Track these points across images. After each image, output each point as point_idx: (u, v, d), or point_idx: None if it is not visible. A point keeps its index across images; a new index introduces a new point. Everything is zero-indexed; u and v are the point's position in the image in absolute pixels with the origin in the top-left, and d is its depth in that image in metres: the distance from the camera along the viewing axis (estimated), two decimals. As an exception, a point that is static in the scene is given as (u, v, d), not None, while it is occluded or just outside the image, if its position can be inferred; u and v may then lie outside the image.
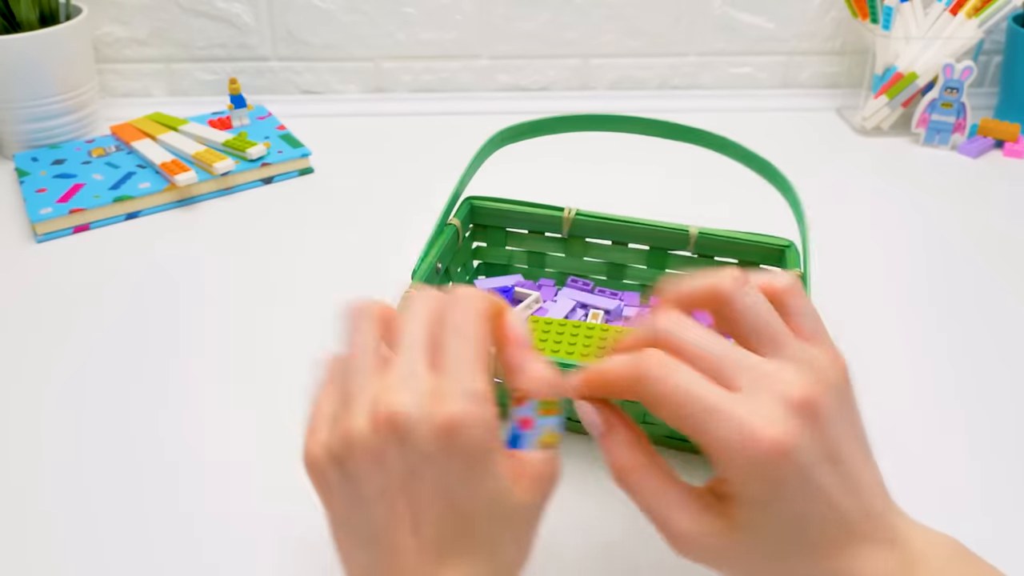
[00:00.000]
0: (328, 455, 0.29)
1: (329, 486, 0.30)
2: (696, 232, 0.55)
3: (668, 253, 0.57)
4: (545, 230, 0.58)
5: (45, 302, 0.62)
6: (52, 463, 0.48)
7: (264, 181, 0.79)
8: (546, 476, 0.31)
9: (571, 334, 0.52)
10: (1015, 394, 0.53)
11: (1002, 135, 0.84)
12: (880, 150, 0.85)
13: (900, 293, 0.63)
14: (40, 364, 0.56)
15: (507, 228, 0.59)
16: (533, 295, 0.57)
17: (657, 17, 0.94)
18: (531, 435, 0.31)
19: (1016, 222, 0.72)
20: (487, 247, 0.60)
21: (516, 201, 0.57)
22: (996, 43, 0.94)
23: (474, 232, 0.59)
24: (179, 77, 0.96)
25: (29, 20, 0.79)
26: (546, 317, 0.54)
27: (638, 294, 0.59)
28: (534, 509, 0.31)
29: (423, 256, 0.49)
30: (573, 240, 0.58)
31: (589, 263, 0.59)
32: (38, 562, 0.42)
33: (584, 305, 0.58)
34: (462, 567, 0.29)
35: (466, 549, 0.29)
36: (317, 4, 0.92)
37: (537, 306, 0.57)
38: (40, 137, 0.83)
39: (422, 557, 0.29)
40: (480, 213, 0.57)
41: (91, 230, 0.72)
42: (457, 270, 0.56)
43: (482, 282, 0.59)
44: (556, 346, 0.51)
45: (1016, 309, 0.61)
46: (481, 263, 0.61)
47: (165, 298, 0.63)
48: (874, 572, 0.29)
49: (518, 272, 0.60)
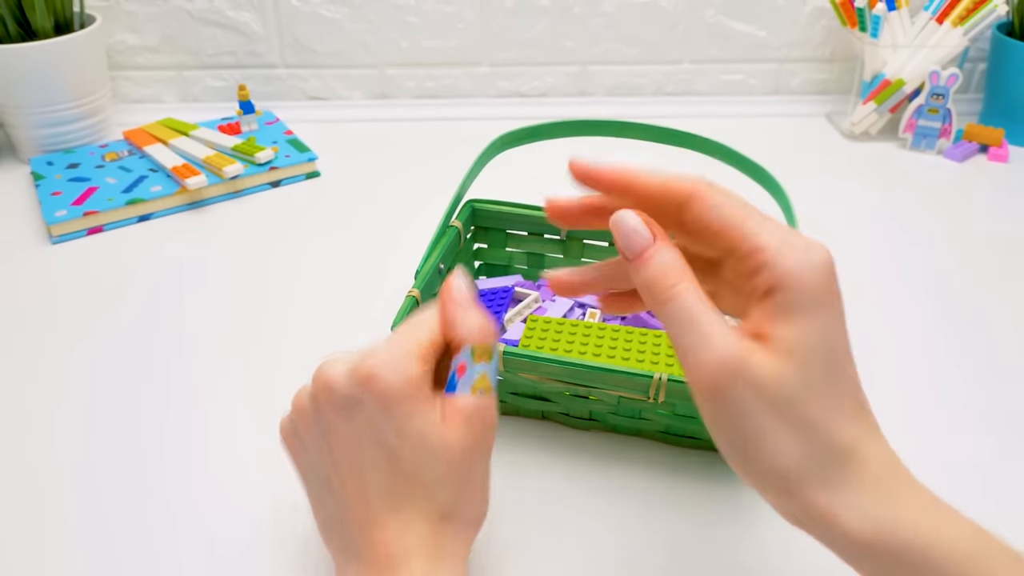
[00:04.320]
0: (287, 424, 0.36)
1: (294, 451, 0.36)
2: None
3: None
4: (544, 232, 0.59)
5: (60, 301, 0.63)
6: (66, 458, 0.48)
7: (272, 184, 0.80)
8: (476, 416, 0.32)
9: (569, 332, 0.53)
10: (1004, 394, 0.53)
11: (986, 140, 0.85)
12: (868, 154, 0.86)
13: (887, 292, 0.64)
14: (55, 361, 0.56)
15: (507, 230, 0.60)
16: (533, 295, 0.58)
17: (652, 26, 0.95)
18: (465, 380, 0.33)
19: (999, 224, 0.73)
20: (488, 248, 0.61)
21: (516, 204, 0.58)
22: (981, 51, 0.95)
23: (475, 234, 0.60)
24: (190, 84, 0.97)
25: (44, 28, 0.80)
26: (545, 316, 0.55)
27: None
28: (466, 448, 0.32)
29: (425, 257, 0.50)
30: (571, 241, 0.59)
31: (587, 264, 0.59)
32: (53, 555, 0.42)
33: (582, 305, 0.58)
34: (405, 511, 0.32)
35: (404, 491, 0.32)
36: (323, 13, 0.93)
37: (536, 305, 0.58)
38: (55, 142, 0.83)
39: (365, 500, 0.32)
40: (481, 215, 0.58)
41: (104, 232, 0.72)
42: (451, 267, 0.56)
43: (483, 282, 0.60)
44: (555, 344, 0.52)
45: (999, 307, 0.62)
46: (482, 264, 0.62)
47: (176, 298, 0.63)
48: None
49: (518, 273, 0.61)
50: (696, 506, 0.45)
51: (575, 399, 0.48)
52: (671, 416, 0.46)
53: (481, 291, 0.58)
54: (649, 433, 0.49)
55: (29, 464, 0.48)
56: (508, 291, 0.58)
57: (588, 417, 0.49)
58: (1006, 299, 0.63)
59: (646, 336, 0.52)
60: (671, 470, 0.47)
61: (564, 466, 0.48)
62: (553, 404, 0.49)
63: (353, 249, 0.70)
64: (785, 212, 0.50)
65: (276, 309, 0.62)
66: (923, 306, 0.62)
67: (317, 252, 0.69)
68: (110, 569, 0.42)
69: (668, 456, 0.48)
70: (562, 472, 0.47)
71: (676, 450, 0.49)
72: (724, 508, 0.45)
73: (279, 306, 0.62)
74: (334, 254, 0.69)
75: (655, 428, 0.48)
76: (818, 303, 0.28)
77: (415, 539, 0.32)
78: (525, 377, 0.45)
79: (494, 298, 0.57)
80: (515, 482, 0.46)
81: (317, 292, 0.64)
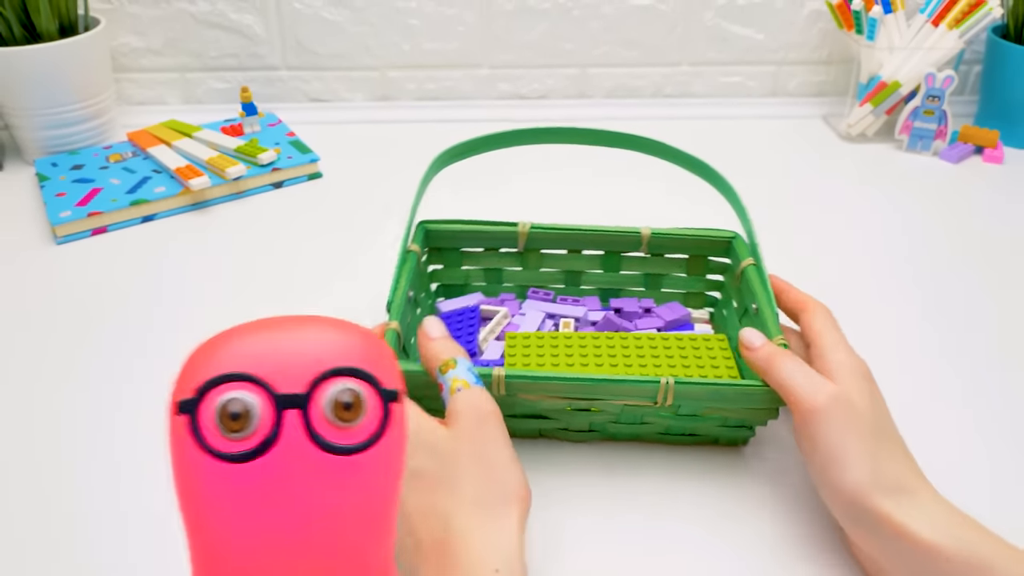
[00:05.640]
0: None
1: None
2: (649, 232, 0.55)
3: (622, 256, 0.57)
4: (500, 246, 0.57)
5: (65, 301, 0.63)
6: (71, 458, 0.48)
7: (274, 185, 0.81)
8: (465, 408, 0.38)
9: (552, 345, 0.51)
10: (1000, 393, 0.53)
11: (982, 141, 0.86)
12: (864, 156, 0.87)
13: (882, 292, 0.64)
14: (60, 361, 0.57)
15: (462, 248, 0.57)
16: (501, 311, 0.56)
17: (651, 28, 0.95)
18: (446, 392, 0.39)
19: (994, 224, 0.74)
20: (444, 269, 0.59)
21: (468, 221, 0.56)
22: (976, 53, 0.95)
23: (429, 255, 0.58)
24: (193, 86, 0.97)
25: (49, 31, 0.80)
26: (523, 332, 0.53)
27: (597, 298, 0.59)
28: (471, 437, 0.37)
29: (394, 287, 0.49)
30: (529, 253, 0.58)
31: (546, 273, 0.58)
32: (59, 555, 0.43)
33: (552, 315, 0.57)
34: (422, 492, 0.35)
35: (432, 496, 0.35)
36: (325, 16, 0.93)
37: (507, 321, 0.56)
38: (60, 143, 0.84)
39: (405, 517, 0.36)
40: (434, 236, 0.56)
41: (109, 232, 0.73)
42: (421, 295, 0.55)
43: (444, 304, 0.58)
44: (540, 359, 0.50)
45: (994, 307, 0.62)
46: (440, 285, 0.60)
47: (180, 297, 0.63)
48: None
49: (476, 291, 0.59)
50: (702, 503, 0.46)
51: (577, 413, 0.47)
52: (673, 417, 0.46)
53: (446, 315, 0.56)
54: (649, 436, 0.49)
55: (35, 464, 0.48)
56: (475, 311, 0.56)
57: (587, 429, 0.49)
58: (1001, 299, 0.63)
59: (627, 339, 0.52)
60: (675, 470, 0.48)
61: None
62: (552, 421, 0.48)
63: (355, 249, 0.70)
64: (734, 206, 0.51)
65: (278, 308, 0.61)
66: (918, 306, 0.63)
67: (319, 252, 0.70)
68: (122, 568, 0.42)
69: (669, 457, 0.49)
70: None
71: (676, 449, 0.49)
72: (729, 501, 0.46)
73: (281, 305, 0.63)
74: (335, 254, 0.69)
75: (655, 431, 0.48)
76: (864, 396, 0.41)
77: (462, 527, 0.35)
78: (526, 398, 0.44)
79: (462, 320, 0.55)
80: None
81: (319, 292, 0.64)
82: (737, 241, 0.55)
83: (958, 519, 0.36)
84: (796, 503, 0.45)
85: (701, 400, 0.43)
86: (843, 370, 0.41)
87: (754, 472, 0.48)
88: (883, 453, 0.38)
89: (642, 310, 0.58)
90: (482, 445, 0.37)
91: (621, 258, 0.58)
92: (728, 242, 0.55)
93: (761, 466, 0.48)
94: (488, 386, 0.42)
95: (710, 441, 0.49)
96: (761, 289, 0.50)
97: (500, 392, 0.43)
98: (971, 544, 0.35)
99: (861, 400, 0.39)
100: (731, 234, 0.55)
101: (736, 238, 0.55)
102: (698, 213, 0.61)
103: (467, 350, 0.51)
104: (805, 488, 0.46)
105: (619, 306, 0.58)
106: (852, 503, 0.37)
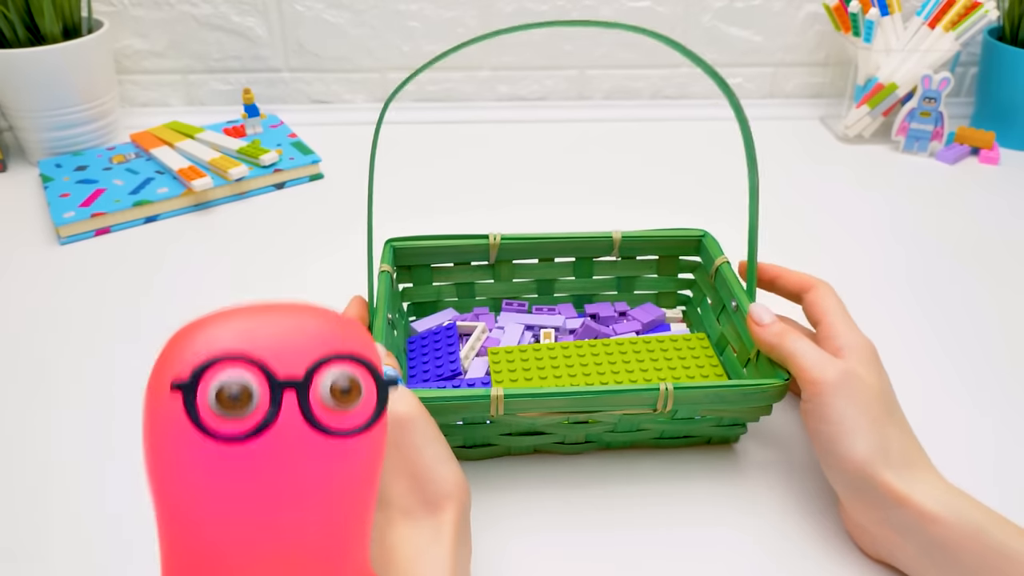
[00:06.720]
0: None
1: None
2: (620, 236, 0.55)
3: (593, 261, 0.57)
4: (471, 260, 0.56)
5: (68, 301, 0.63)
6: (73, 458, 0.48)
7: (276, 186, 0.81)
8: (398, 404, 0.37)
9: (536, 359, 0.50)
10: (997, 394, 0.54)
11: (978, 143, 0.86)
12: (861, 157, 0.87)
13: (878, 293, 0.64)
14: (63, 361, 0.57)
15: (432, 264, 0.56)
16: (479, 326, 0.55)
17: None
18: None
19: (990, 225, 0.74)
20: (414, 287, 0.57)
21: (439, 236, 0.55)
22: (972, 55, 0.96)
23: (399, 274, 0.56)
24: (195, 87, 0.98)
25: (53, 33, 0.81)
26: (505, 347, 0.52)
27: (571, 305, 0.59)
28: (405, 423, 0.36)
29: (373, 313, 0.48)
30: (500, 264, 0.57)
31: (519, 284, 0.58)
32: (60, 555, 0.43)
33: (530, 326, 0.56)
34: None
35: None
36: (327, 18, 0.94)
37: (485, 336, 0.55)
38: (63, 144, 0.84)
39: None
40: (403, 254, 0.55)
41: (112, 233, 0.73)
42: (396, 316, 0.53)
43: (418, 323, 0.57)
44: (527, 373, 0.49)
45: (990, 307, 0.62)
46: (411, 304, 0.58)
47: (182, 297, 0.64)
48: None
49: (448, 307, 0.58)
50: (702, 502, 0.46)
51: (574, 426, 0.46)
52: (669, 422, 0.46)
53: (422, 335, 0.55)
54: (644, 442, 0.49)
55: (35, 465, 0.48)
56: (452, 328, 0.54)
57: (583, 441, 0.48)
58: (997, 299, 0.64)
59: (610, 345, 0.51)
60: (670, 473, 0.48)
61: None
62: (548, 436, 0.47)
63: (356, 250, 0.70)
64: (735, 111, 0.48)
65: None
66: (914, 306, 0.63)
67: (320, 252, 0.70)
68: (123, 570, 0.42)
69: (664, 461, 0.49)
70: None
71: (671, 452, 0.49)
72: (726, 500, 0.46)
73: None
74: (336, 255, 0.70)
75: (650, 436, 0.48)
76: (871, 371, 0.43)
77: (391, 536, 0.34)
78: (525, 416, 0.43)
79: (439, 339, 0.54)
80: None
81: (320, 292, 0.64)
82: (707, 239, 0.56)
83: (955, 491, 0.39)
84: (792, 492, 0.46)
85: (701, 403, 0.43)
86: (852, 348, 0.42)
87: (749, 466, 0.48)
88: (890, 428, 0.40)
89: (617, 314, 0.58)
90: (402, 451, 0.35)
91: (592, 263, 0.58)
92: (698, 240, 0.56)
93: (755, 458, 0.49)
94: (486, 407, 0.42)
95: (703, 441, 0.50)
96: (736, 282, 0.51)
97: (499, 412, 0.42)
98: (966, 511, 0.37)
99: (870, 376, 0.41)
100: (701, 232, 0.56)
101: (706, 236, 0.56)
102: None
103: (451, 370, 0.50)
104: (799, 475, 0.47)
105: (594, 311, 0.57)
106: (858, 474, 0.39)
